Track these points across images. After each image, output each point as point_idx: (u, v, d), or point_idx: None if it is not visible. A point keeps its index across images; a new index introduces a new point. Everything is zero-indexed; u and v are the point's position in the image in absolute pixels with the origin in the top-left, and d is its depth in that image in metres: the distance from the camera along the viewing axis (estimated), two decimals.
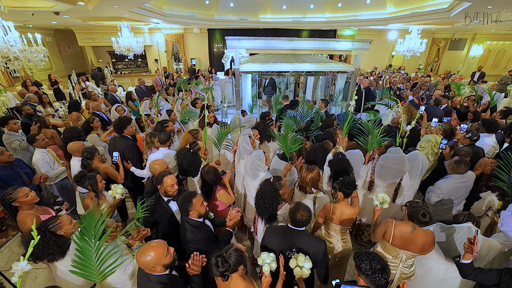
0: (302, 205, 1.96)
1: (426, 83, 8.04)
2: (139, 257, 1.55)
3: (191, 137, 3.43)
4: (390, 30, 12.86)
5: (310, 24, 11.85)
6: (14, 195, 2.27)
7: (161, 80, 8.91)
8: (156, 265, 1.55)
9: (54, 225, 1.85)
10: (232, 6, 10.54)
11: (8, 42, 4.47)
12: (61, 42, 12.63)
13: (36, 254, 1.78)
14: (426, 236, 2.04)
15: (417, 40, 8.58)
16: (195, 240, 2.03)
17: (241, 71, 5.09)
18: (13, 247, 3.44)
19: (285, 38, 5.07)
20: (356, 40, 5.12)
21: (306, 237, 1.97)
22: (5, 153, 2.92)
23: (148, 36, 12.81)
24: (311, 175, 2.57)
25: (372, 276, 1.50)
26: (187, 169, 2.80)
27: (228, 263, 1.52)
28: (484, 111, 5.36)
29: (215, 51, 13.74)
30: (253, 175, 2.78)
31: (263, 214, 2.30)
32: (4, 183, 2.84)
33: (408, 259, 2.14)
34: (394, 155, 2.78)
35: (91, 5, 6.01)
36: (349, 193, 2.34)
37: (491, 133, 3.73)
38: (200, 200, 2.05)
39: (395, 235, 2.09)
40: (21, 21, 8.65)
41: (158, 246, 1.59)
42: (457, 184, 2.85)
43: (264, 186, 2.30)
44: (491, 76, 11.57)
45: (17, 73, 9.87)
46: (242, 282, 1.59)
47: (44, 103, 5.98)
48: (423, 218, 2.00)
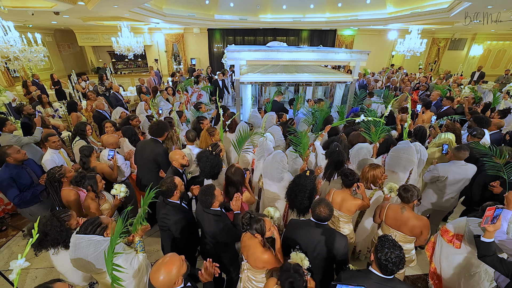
0: (324, 201, 2.00)
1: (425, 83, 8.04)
2: (158, 277, 1.42)
3: (208, 135, 3.36)
4: (390, 30, 12.86)
5: (310, 24, 11.87)
6: (63, 171, 2.60)
7: (155, 81, 8.90)
8: (178, 278, 1.49)
9: (66, 215, 2.00)
10: (232, 6, 10.54)
11: (8, 42, 4.46)
12: (61, 42, 12.63)
13: (53, 237, 1.86)
14: (416, 220, 2.21)
15: (417, 40, 8.57)
16: (218, 230, 2.15)
17: (241, 82, 5.14)
18: (13, 247, 3.44)
19: (285, 49, 5.10)
20: (354, 51, 5.17)
21: (327, 231, 2.00)
22: (21, 152, 2.90)
23: (148, 36, 12.81)
24: (373, 172, 2.60)
25: (384, 264, 1.50)
26: (211, 171, 2.72)
27: (254, 221, 1.87)
28: (483, 111, 5.35)
29: (215, 51, 13.75)
30: (278, 178, 2.74)
31: (300, 205, 2.41)
32: (13, 181, 2.80)
33: (402, 242, 2.27)
34: (404, 146, 2.95)
35: (91, 5, 6.01)
36: (348, 183, 2.49)
37: (484, 128, 3.78)
38: (219, 191, 2.18)
39: (388, 215, 2.36)
40: (21, 21, 8.65)
41: (174, 259, 1.50)
42: (455, 168, 2.91)
43: (303, 180, 2.39)
44: (491, 76, 11.55)
45: (17, 73, 9.87)
46: (257, 245, 1.92)
47: (44, 103, 5.98)
48: (405, 193, 2.24)
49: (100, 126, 4.66)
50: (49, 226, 1.85)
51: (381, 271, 1.54)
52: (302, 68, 5.80)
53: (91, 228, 1.72)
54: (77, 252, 1.66)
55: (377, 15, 9.97)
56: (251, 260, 1.97)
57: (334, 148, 2.96)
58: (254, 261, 1.94)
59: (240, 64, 4.95)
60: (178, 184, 2.26)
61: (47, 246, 1.87)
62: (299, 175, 2.48)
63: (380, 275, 1.55)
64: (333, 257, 1.93)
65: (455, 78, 9.47)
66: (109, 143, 3.24)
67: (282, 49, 5.11)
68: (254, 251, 1.92)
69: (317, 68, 6.02)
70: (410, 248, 2.35)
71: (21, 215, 4.01)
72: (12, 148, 2.84)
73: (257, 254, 1.91)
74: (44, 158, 3.27)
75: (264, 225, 1.89)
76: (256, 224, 1.88)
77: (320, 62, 5.74)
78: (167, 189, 2.19)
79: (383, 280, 1.55)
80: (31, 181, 2.95)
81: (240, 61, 4.93)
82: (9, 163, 2.83)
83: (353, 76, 5.39)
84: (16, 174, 2.84)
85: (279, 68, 5.72)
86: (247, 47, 5.90)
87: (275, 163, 2.68)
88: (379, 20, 10.04)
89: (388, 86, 8.10)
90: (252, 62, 5.22)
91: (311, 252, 1.97)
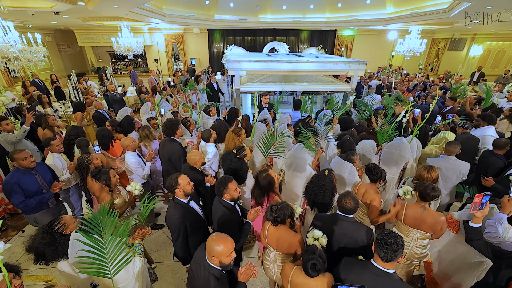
0: (350, 194, 2.06)
1: (422, 83, 8.05)
2: (213, 241, 1.58)
3: (235, 136, 3.33)
4: (390, 30, 12.87)
5: (310, 24, 11.87)
6: (91, 158, 2.81)
7: (156, 80, 8.90)
8: (220, 256, 1.58)
9: (60, 226, 1.90)
10: (232, 6, 10.54)
11: (8, 42, 4.46)
12: (61, 42, 12.63)
13: (50, 255, 1.82)
14: (436, 217, 2.22)
15: (417, 40, 8.59)
16: (226, 219, 2.20)
17: (241, 92, 5.24)
18: (13, 247, 3.43)
19: (285, 60, 5.20)
20: (352, 61, 5.29)
21: (353, 224, 2.04)
22: (28, 159, 2.74)
23: (148, 36, 12.82)
24: (435, 174, 2.65)
25: (382, 245, 1.53)
26: (235, 174, 2.73)
27: (281, 211, 1.99)
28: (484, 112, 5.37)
29: (215, 51, 13.74)
30: (303, 169, 2.93)
31: (320, 205, 2.48)
32: (18, 187, 2.66)
33: (421, 239, 2.32)
34: (397, 142, 3.18)
35: (91, 5, 6.01)
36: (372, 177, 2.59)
37: (491, 125, 3.83)
38: (235, 186, 2.22)
39: (407, 214, 2.34)
40: (21, 21, 8.65)
41: (231, 242, 1.62)
42: (444, 163, 3.01)
43: (323, 180, 2.46)
44: (491, 76, 11.57)
45: (17, 73, 9.87)
46: (289, 231, 2.07)
47: (44, 103, 5.97)
48: (433, 192, 2.21)
49: (100, 126, 4.65)
50: (42, 246, 1.79)
51: (380, 255, 1.53)
52: (301, 77, 5.88)
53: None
54: (75, 250, 1.68)
55: (377, 16, 9.98)
56: (284, 247, 2.11)
57: (346, 138, 3.22)
58: (288, 247, 2.09)
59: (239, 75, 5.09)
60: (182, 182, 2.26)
61: (48, 262, 1.84)
62: (317, 175, 2.56)
63: (379, 267, 1.56)
64: (358, 249, 1.98)
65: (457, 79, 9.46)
66: (125, 146, 3.23)
67: (282, 60, 5.18)
68: (286, 238, 2.06)
69: (316, 77, 6.08)
70: (425, 244, 2.39)
71: (21, 215, 4.02)
72: (22, 153, 2.71)
73: (290, 239, 2.05)
74: (48, 163, 3.19)
75: (292, 209, 2.06)
76: (287, 210, 2.02)
77: (319, 72, 5.85)
78: (169, 185, 2.22)
79: (381, 273, 1.55)
80: (38, 187, 2.80)
81: (240, 72, 5.05)
82: (19, 168, 2.74)
83: (351, 85, 5.50)
84: (23, 180, 2.71)
85: (279, 77, 5.80)
86: (247, 56, 5.95)
87: (300, 159, 2.86)
88: (379, 21, 10.04)
89: (380, 85, 8.09)
90: (252, 72, 5.32)
91: (337, 244, 2.03)
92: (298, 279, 1.69)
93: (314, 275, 1.61)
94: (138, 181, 3.27)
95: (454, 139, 3.55)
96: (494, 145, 3.21)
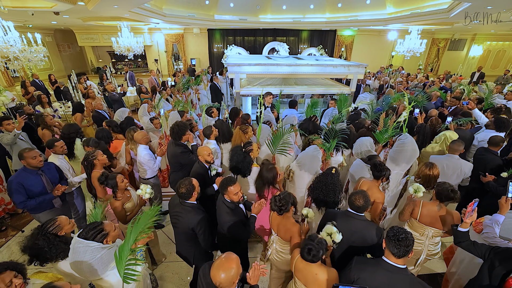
0: (361, 192, 2.09)
1: (420, 83, 8.05)
2: (220, 273, 1.40)
3: (242, 133, 3.37)
4: (390, 31, 12.87)
5: (310, 25, 11.87)
6: (95, 154, 2.77)
7: (156, 80, 8.90)
8: (237, 278, 1.46)
9: (54, 227, 1.87)
10: (232, 6, 10.55)
11: (8, 42, 4.46)
12: (61, 42, 12.64)
13: (44, 256, 1.79)
14: (452, 215, 2.24)
15: (417, 40, 8.60)
16: (229, 221, 2.21)
17: (241, 95, 5.29)
18: (13, 247, 3.43)
19: (285, 63, 5.24)
20: (351, 64, 5.34)
21: (363, 222, 2.07)
22: (38, 158, 2.70)
23: (148, 36, 12.82)
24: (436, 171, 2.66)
25: (394, 241, 1.56)
26: (236, 166, 2.83)
27: (285, 200, 2.08)
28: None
29: (215, 51, 13.75)
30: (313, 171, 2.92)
31: (332, 201, 2.51)
32: (20, 186, 2.62)
33: (435, 236, 2.35)
34: (408, 139, 3.05)
35: (91, 5, 6.02)
36: (376, 174, 2.58)
37: (500, 132, 3.65)
38: (236, 190, 2.18)
39: (423, 213, 2.34)
40: (21, 21, 8.66)
41: (237, 258, 1.49)
42: (446, 160, 3.02)
43: (331, 179, 2.51)
44: (491, 76, 11.57)
45: (17, 73, 9.88)
46: (289, 219, 2.17)
47: (44, 103, 5.97)
48: (453, 194, 2.21)
49: (100, 126, 4.65)
50: (36, 247, 1.76)
51: (393, 252, 1.55)
52: (301, 79, 5.90)
53: (92, 234, 1.68)
54: (74, 255, 1.64)
55: (377, 16, 9.98)
56: (281, 231, 2.22)
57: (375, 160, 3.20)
58: (285, 232, 2.18)
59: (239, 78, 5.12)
60: (196, 185, 2.25)
61: (42, 263, 1.81)
62: (325, 173, 2.57)
63: (391, 263, 1.58)
64: (366, 247, 2.01)
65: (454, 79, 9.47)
66: (139, 139, 3.34)
67: (282, 63, 5.21)
68: (285, 222, 2.17)
69: (316, 80, 6.10)
70: (437, 242, 2.41)
71: (21, 215, 4.02)
72: (31, 152, 2.68)
73: (288, 225, 2.16)
74: None
75: (295, 198, 2.15)
76: (289, 198, 2.11)
77: (319, 75, 5.87)
78: (187, 191, 2.17)
79: (394, 269, 1.57)
80: (42, 188, 2.73)
81: (240, 75, 5.08)
82: (26, 167, 2.71)
83: (351, 88, 5.51)
84: (28, 180, 2.67)
85: (278, 80, 5.82)
86: (247, 59, 5.95)
87: (313, 157, 2.86)
88: (379, 21, 10.05)
89: (382, 86, 8.12)
90: (252, 75, 5.36)
91: (347, 241, 2.03)
92: (301, 264, 1.80)
93: (308, 258, 1.69)
94: (150, 174, 3.44)
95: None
96: (490, 142, 3.21)
